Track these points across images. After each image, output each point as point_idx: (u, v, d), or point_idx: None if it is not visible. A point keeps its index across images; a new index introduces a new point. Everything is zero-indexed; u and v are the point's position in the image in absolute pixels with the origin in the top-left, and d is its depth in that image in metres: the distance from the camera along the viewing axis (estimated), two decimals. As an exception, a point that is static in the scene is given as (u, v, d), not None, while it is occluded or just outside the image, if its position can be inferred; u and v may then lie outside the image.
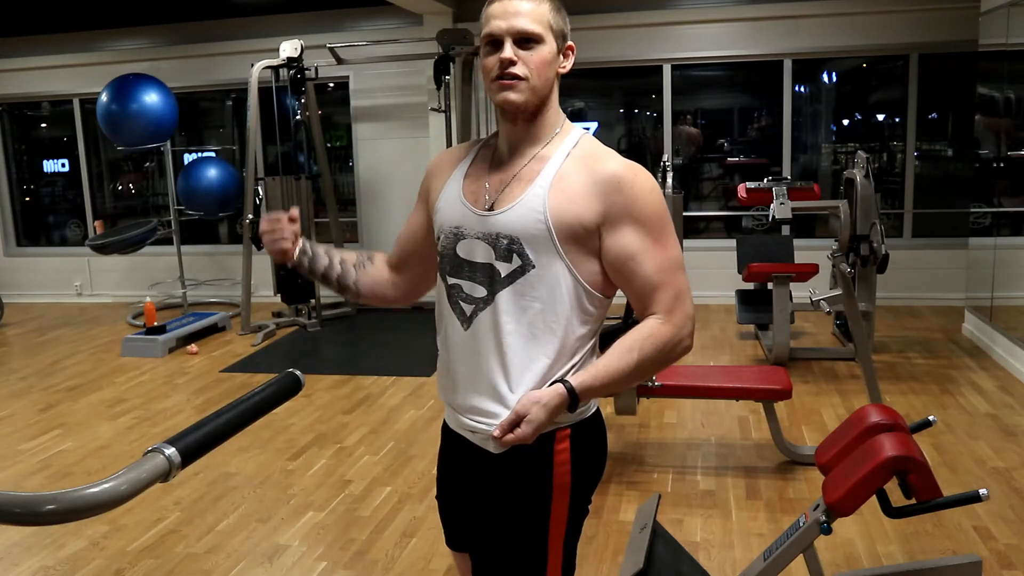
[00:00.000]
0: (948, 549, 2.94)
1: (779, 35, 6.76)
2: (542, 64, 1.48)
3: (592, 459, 1.61)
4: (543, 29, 1.47)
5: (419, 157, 7.37)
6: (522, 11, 1.46)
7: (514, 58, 1.46)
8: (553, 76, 1.52)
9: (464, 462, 1.66)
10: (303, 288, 6.70)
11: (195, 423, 1.20)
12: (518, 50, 1.47)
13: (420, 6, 6.76)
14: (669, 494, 3.46)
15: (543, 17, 1.47)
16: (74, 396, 5.17)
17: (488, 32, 1.49)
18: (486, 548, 1.65)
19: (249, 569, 3.00)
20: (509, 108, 1.49)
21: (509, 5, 1.47)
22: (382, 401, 4.86)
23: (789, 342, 5.20)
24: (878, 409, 2.60)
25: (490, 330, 1.52)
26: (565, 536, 1.57)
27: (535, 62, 1.47)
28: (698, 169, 7.67)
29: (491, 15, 1.49)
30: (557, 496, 1.55)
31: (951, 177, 7.07)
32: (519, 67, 1.47)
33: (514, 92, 1.47)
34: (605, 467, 1.68)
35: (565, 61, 1.54)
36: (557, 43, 1.50)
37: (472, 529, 1.70)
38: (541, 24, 1.47)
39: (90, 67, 7.87)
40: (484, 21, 1.50)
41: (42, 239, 8.82)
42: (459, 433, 1.66)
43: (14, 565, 3.08)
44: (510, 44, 1.46)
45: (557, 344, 1.51)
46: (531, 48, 1.47)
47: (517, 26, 1.46)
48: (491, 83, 1.49)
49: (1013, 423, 4.12)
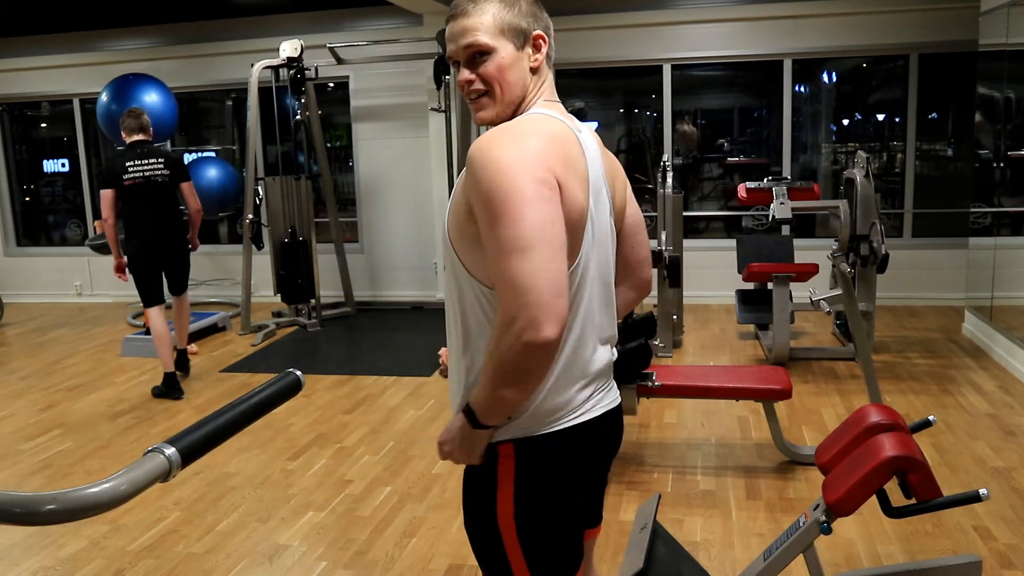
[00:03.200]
0: (948, 549, 2.94)
1: (779, 35, 6.77)
2: (499, 71, 1.46)
3: (541, 475, 1.48)
4: (490, 38, 1.45)
5: (419, 157, 7.38)
6: (466, 28, 1.45)
7: (470, 77, 1.47)
8: (521, 76, 1.48)
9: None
10: (303, 288, 6.70)
11: (195, 423, 1.20)
12: (473, 67, 1.47)
13: (420, 6, 6.76)
14: (669, 494, 3.46)
15: (489, 26, 1.45)
16: (74, 396, 5.17)
17: (447, 57, 1.52)
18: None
19: (249, 569, 3.00)
20: (484, 124, 1.51)
21: (455, 26, 1.47)
22: (382, 401, 4.86)
23: (789, 342, 5.20)
24: (878, 409, 2.60)
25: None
26: (523, 549, 1.50)
27: (491, 72, 1.46)
28: (698, 169, 7.67)
29: (447, 39, 1.50)
30: (501, 508, 1.49)
31: (951, 177, 7.07)
32: (477, 83, 1.47)
33: (483, 110, 1.49)
34: (574, 485, 1.54)
35: (536, 53, 1.50)
36: (514, 42, 1.47)
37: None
38: (488, 33, 1.45)
39: (90, 67, 7.88)
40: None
41: (42, 239, 8.82)
42: None
43: (14, 565, 3.08)
44: (463, 65, 1.48)
45: (462, 343, 1.50)
46: (483, 61, 1.46)
47: (463, 43, 1.46)
48: (467, 101, 1.53)
49: (1013, 423, 4.12)
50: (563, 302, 1.31)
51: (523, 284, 1.28)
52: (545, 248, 1.29)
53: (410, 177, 7.49)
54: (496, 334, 1.33)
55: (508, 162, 1.32)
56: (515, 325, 1.29)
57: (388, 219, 7.64)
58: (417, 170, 7.42)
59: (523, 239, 1.28)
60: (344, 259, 7.33)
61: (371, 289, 7.75)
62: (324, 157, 7.20)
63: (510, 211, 1.30)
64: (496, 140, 1.36)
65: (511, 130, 1.41)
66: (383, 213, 7.65)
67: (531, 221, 1.29)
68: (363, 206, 7.71)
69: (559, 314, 1.30)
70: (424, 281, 7.59)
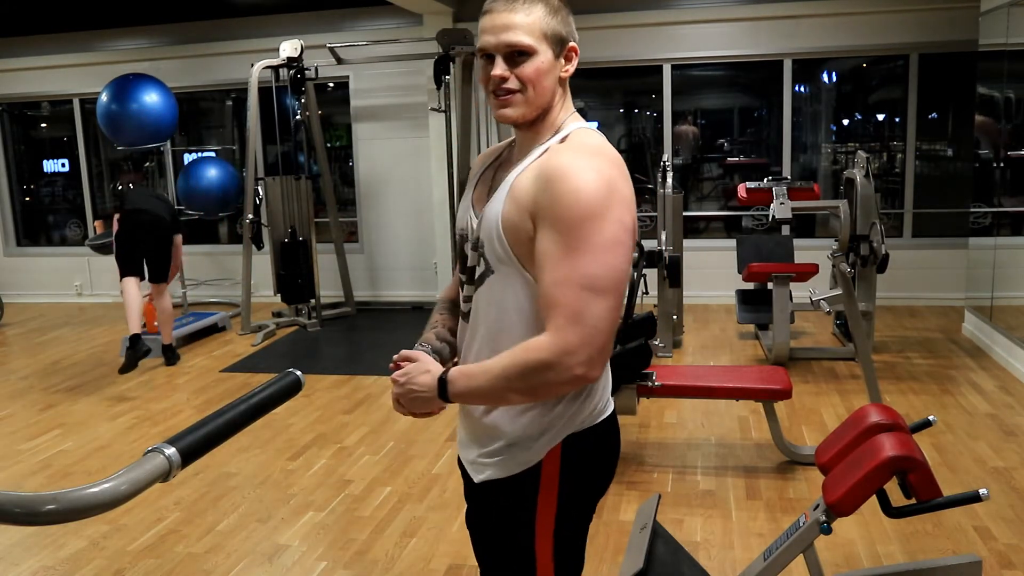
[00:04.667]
0: (948, 549, 2.94)
1: (779, 35, 6.76)
2: (537, 75, 1.42)
3: (585, 470, 1.53)
4: (534, 40, 1.40)
5: (419, 157, 7.38)
6: (512, 24, 1.40)
7: (505, 74, 1.41)
8: (553, 83, 1.45)
9: (464, 473, 1.65)
10: (303, 288, 6.71)
11: (195, 423, 1.20)
12: (510, 64, 1.42)
13: (420, 6, 6.76)
14: (669, 494, 3.46)
15: (534, 27, 1.40)
16: (74, 396, 5.17)
17: (480, 47, 1.44)
18: (477, 547, 1.69)
19: (249, 569, 3.00)
20: (506, 122, 1.49)
21: (498, 19, 1.41)
22: (382, 401, 4.85)
23: (789, 342, 5.20)
24: (878, 409, 2.60)
25: (471, 330, 1.53)
26: (554, 548, 1.53)
27: (529, 74, 1.41)
28: (698, 169, 7.67)
29: (482, 29, 1.43)
30: (542, 511, 1.50)
31: (951, 177, 7.07)
32: (512, 82, 1.42)
33: (509, 107, 1.44)
34: (610, 475, 1.61)
35: (568, 64, 1.47)
36: (553, 50, 1.43)
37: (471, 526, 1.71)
38: (532, 35, 1.40)
39: (90, 67, 7.88)
40: (478, 33, 1.47)
41: (42, 239, 8.82)
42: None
43: (14, 565, 3.08)
44: (500, 60, 1.42)
45: (492, 338, 1.48)
46: (523, 61, 1.41)
47: (506, 40, 1.40)
48: (489, 95, 1.47)
49: (1013, 423, 4.12)
50: (611, 345, 1.39)
51: (592, 325, 1.33)
52: (616, 297, 1.36)
53: (410, 177, 7.49)
54: (544, 351, 1.34)
55: (598, 197, 1.33)
56: (573, 357, 1.33)
57: (388, 219, 7.64)
58: (417, 170, 7.42)
59: (601, 281, 1.33)
60: (344, 259, 7.33)
61: (371, 289, 7.75)
62: (324, 157, 7.20)
63: (592, 249, 1.33)
64: (582, 165, 1.36)
65: (592, 153, 1.39)
66: (383, 213, 7.65)
67: (611, 268, 1.34)
68: (363, 206, 7.71)
69: (608, 357, 1.39)
70: (424, 281, 7.59)
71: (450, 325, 1.66)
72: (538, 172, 1.39)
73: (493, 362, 1.40)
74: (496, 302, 1.47)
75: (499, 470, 1.52)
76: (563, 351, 1.33)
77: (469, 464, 1.59)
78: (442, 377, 1.44)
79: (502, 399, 1.43)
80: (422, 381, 1.46)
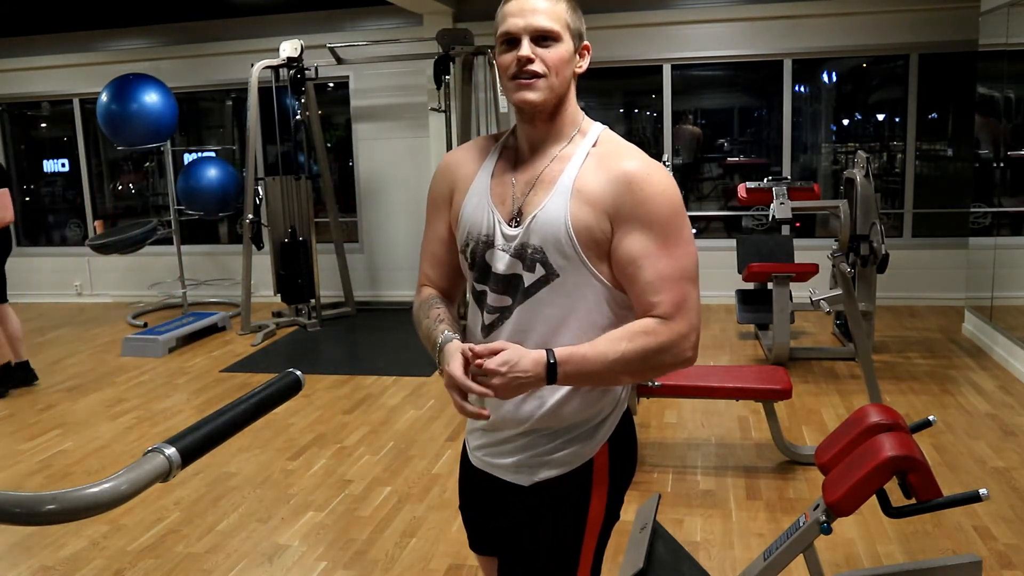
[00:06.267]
0: (948, 549, 2.94)
1: (779, 35, 6.76)
2: (560, 62, 1.46)
3: (627, 464, 1.63)
4: (561, 27, 1.45)
5: (419, 157, 7.38)
6: (540, 9, 1.44)
7: (532, 56, 1.43)
8: (570, 75, 1.50)
9: (491, 483, 1.61)
10: (303, 288, 6.70)
11: (195, 423, 1.20)
12: (536, 48, 1.44)
13: (420, 6, 6.76)
14: (669, 494, 3.46)
15: (560, 16, 1.45)
16: (74, 396, 5.17)
17: (505, 30, 1.46)
18: (515, 555, 1.61)
19: (249, 569, 3.00)
20: (527, 108, 1.47)
21: (526, 3, 1.45)
22: (382, 401, 4.85)
23: (789, 342, 5.20)
24: (878, 409, 2.60)
25: (513, 337, 1.49)
26: (597, 543, 1.57)
27: (553, 60, 1.45)
28: (698, 169, 7.67)
29: (508, 13, 1.46)
30: (594, 507, 1.55)
31: (951, 177, 7.07)
32: (537, 64, 1.44)
33: (532, 91, 1.45)
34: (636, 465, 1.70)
35: (581, 61, 1.52)
36: (574, 42, 1.49)
37: (501, 536, 1.64)
38: (559, 22, 1.45)
39: (90, 67, 7.87)
40: (500, 19, 1.47)
41: (42, 239, 8.82)
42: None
43: (14, 565, 3.08)
44: (527, 42, 1.44)
45: (544, 342, 1.48)
46: (549, 46, 1.45)
47: (534, 24, 1.43)
48: (508, 81, 1.47)
49: (1013, 423, 4.12)
50: None
51: (695, 311, 1.46)
52: (698, 281, 1.50)
53: (410, 177, 7.49)
54: (663, 335, 1.43)
55: (677, 195, 1.47)
56: (687, 340, 1.44)
57: (388, 219, 7.64)
58: (417, 170, 7.41)
59: (692, 270, 1.47)
60: (344, 259, 7.32)
61: (371, 289, 7.75)
62: (324, 157, 7.20)
63: (683, 243, 1.45)
64: (655, 167, 1.47)
65: (646, 155, 1.49)
66: (383, 213, 7.65)
67: (696, 258, 1.49)
68: (363, 206, 7.71)
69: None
70: (424, 281, 7.57)
71: (452, 316, 1.61)
72: (609, 175, 1.45)
73: (605, 345, 1.42)
74: (564, 304, 1.47)
75: (557, 467, 1.52)
76: (678, 334, 1.43)
77: (513, 469, 1.56)
78: (551, 360, 1.41)
79: (613, 380, 1.49)
80: (525, 366, 1.40)
